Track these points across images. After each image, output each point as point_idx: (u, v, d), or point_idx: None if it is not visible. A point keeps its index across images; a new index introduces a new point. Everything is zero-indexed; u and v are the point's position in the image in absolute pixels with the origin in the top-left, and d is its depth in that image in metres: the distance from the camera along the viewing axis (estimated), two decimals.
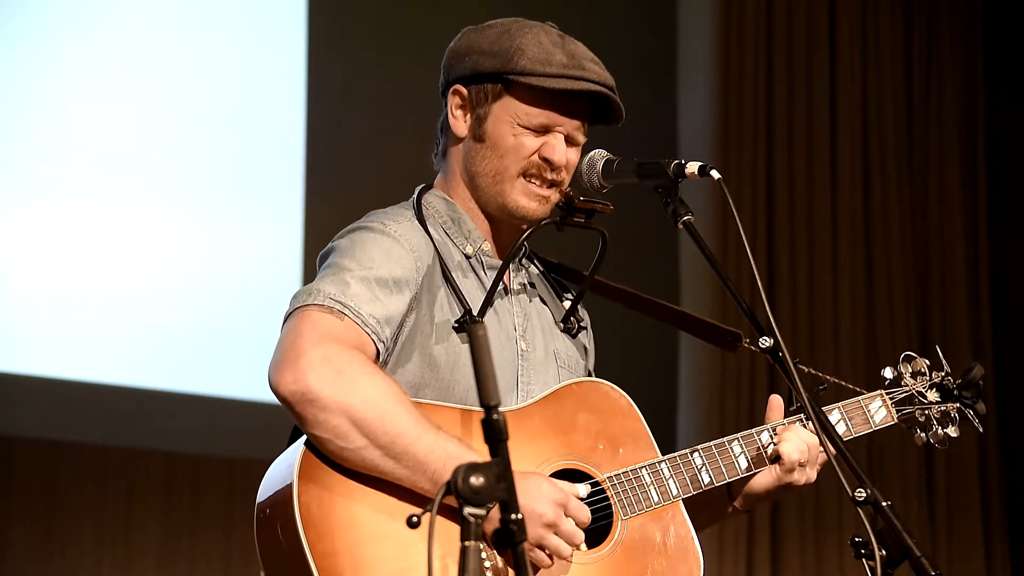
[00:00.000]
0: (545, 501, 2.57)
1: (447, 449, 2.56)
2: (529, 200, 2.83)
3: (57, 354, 5.56)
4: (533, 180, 2.83)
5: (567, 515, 2.61)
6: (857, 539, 2.52)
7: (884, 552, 2.48)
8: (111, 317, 5.61)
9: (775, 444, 2.88)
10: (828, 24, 7.10)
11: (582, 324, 3.02)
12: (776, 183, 6.90)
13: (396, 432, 2.54)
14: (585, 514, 2.64)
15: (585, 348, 3.03)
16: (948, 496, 6.98)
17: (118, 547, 5.70)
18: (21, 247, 5.57)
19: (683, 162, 2.74)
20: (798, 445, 2.86)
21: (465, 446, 2.58)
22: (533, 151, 2.82)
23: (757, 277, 2.75)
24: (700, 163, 2.73)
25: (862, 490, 2.52)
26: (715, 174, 2.69)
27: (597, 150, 2.87)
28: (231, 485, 5.75)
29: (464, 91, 2.85)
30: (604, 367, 3.08)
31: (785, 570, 6.64)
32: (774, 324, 2.66)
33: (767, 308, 2.68)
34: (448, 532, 2.42)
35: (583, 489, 2.68)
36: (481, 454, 2.55)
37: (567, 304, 3.00)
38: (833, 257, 6.96)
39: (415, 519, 2.10)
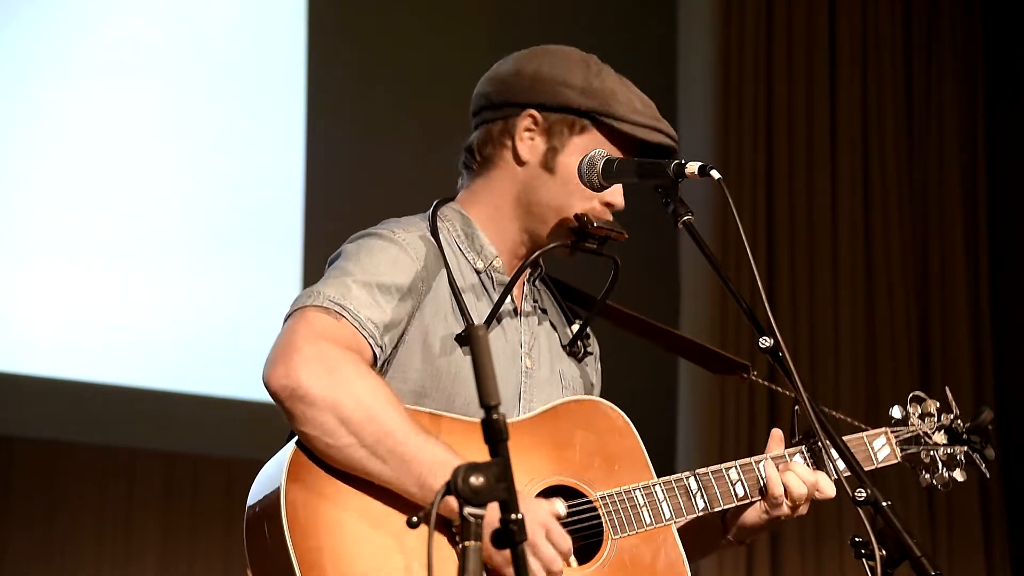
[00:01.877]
0: (527, 521, 2.56)
1: (435, 454, 2.56)
2: (560, 250, 2.85)
3: (57, 354, 5.56)
4: (586, 226, 2.82)
5: (548, 539, 2.60)
6: (857, 539, 2.51)
7: (884, 552, 2.48)
8: (111, 317, 5.62)
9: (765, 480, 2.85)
10: (828, 24, 7.10)
11: (589, 350, 3.01)
12: (776, 183, 6.90)
13: (383, 432, 2.55)
14: (567, 544, 2.62)
15: (592, 375, 3.02)
16: (948, 496, 6.98)
17: (118, 547, 5.70)
18: (22, 247, 5.57)
19: (683, 162, 2.73)
20: (789, 485, 2.83)
21: (453, 453, 2.58)
22: (596, 196, 2.83)
23: (757, 277, 2.75)
24: (700, 163, 2.72)
25: (862, 490, 2.51)
26: (715, 174, 2.68)
27: (597, 150, 2.87)
28: (231, 485, 5.75)
29: (540, 117, 2.85)
30: (605, 380, 3.07)
31: (785, 570, 6.64)
32: (774, 324, 2.65)
33: (767, 308, 2.68)
34: (436, 539, 2.48)
35: (561, 506, 2.65)
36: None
37: (575, 329, 2.99)
38: (833, 257, 6.96)
39: (415, 519, 2.11)
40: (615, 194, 2.84)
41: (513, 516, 2.07)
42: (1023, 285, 7.18)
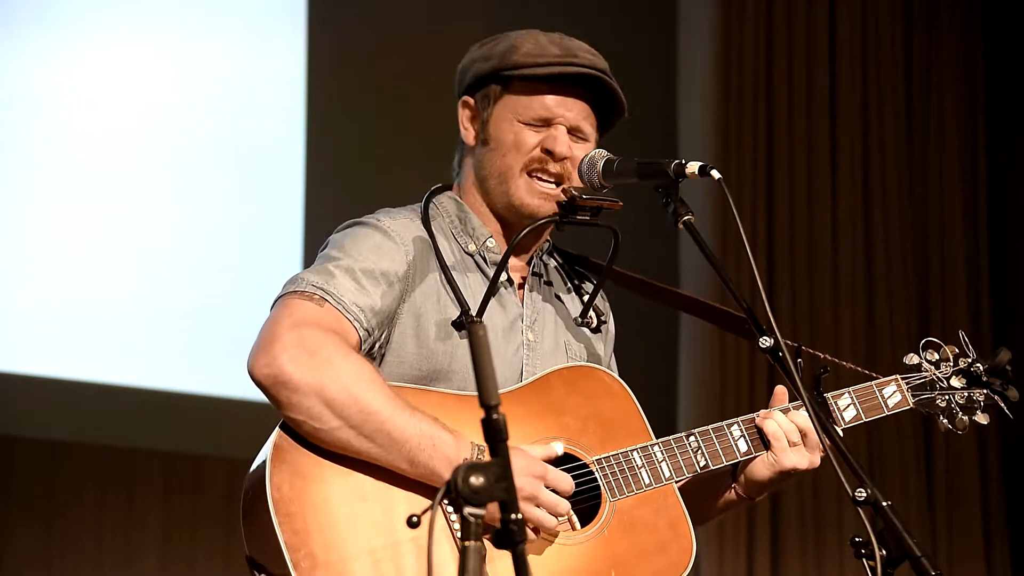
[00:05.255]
0: (522, 475, 2.57)
1: (421, 428, 2.59)
2: (533, 197, 2.87)
3: (57, 354, 5.56)
4: (537, 175, 2.87)
5: (547, 485, 2.62)
6: (857, 539, 2.51)
7: (884, 552, 2.47)
8: (111, 317, 5.62)
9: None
10: (828, 25, 7.09)
11: (603, 319, 3.04)
12: (776, 183, 6.90)
13: (368, 411, 2.58)
14: (567, 483, 2.65)
15: (600, 345, 3.03)
16: (948, 496, 6.98)
17: (118, 547, 5.70)
18: (21, 247, 5.57)
19: (683, 162, 2.74)
20: (780, 421, 2.86)
21: (440, 425, 2.61)
22: (534, 145, 2.87)
23: (757, 277, 2.75)
24: (700, 163, 2.73)
25: (862, 490, 2.51)
26: (715, 174, 2.69)
27: (597, 150, 2.89)
28: (231, 485, 5.72)
29: (471, 101, 2.94)
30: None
31: (785, 570, 6.64)
32: (774, 324, 2.65)
33: (767, 308, 2.68)
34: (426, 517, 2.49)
35: (559, 447, 2.68)
36: (461, 433, 2.60)
37: (586, 299, 3.02)
38: (833, 257, 6.96)
39: (415, 519, 2.11)
40: (551, 140, 2.86)
41: (513, 516, 2.06)
42: (1023, 285, 7.17)
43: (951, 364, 3.10)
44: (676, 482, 2.80)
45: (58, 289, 5.56)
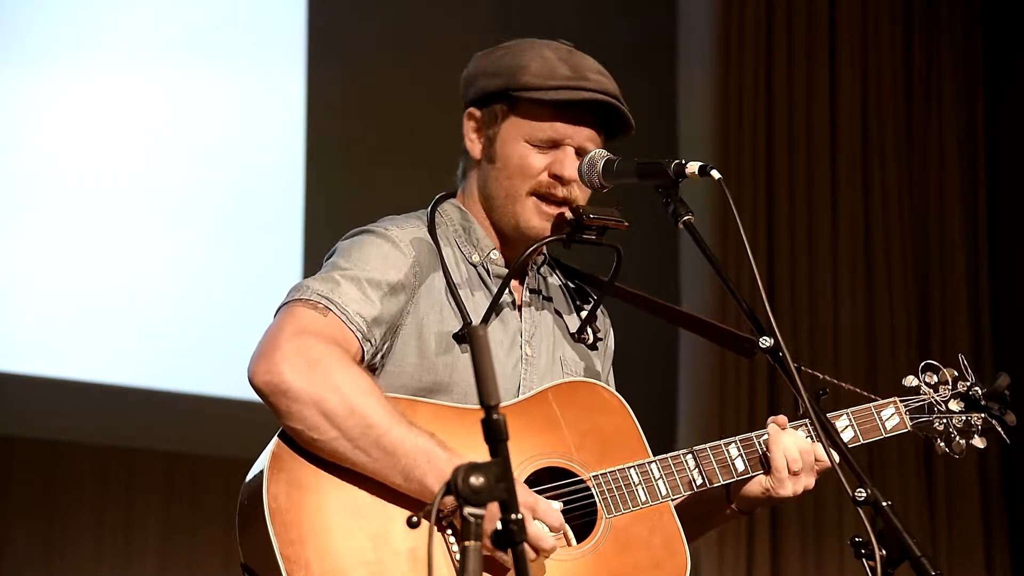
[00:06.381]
0: None
1: (418, 443, 2.58)
2: (540, 219, 2.86)
3: (57, 354, 5.56)
4: (544, 199, 2.85)
5: (535, 518, 2.60)
6: (857, 539, 2.51)
7: (884, 552, 2.47)
8: (111, 317, 5.62)
9: (766, 450, 2.85)
10: (828, 25, 7.09)
11: (599, 336, 3.02)
12: (776, 183, 6.90)
13: (366, 424, 2.57)
14: (557, 519, 2.63)
15: (597, 362, 3.02)
16: (948, 496, 6.98)
17: (118, 547, 5.69)
18: (21, 248, 5.57)
19: (683, 162, 2.74)
20: (788, 452, 2.83)
21: (436, 441, 2.60)
22: (541, 169, 2.85)
23: (757, 277, 2.74)
24: (700, 163, 2.73)
25: (862, 490, 2.51)
26: (715, 174, 2.69)
27: (597, 150, 2.88)
28: (231, 485, 5.68)
29: (477, 114, 2.90)
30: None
31: (785, 570, 6.64)
32: (774, 324, 2.65)
33: (767, 308, 2.68)
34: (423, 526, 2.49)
35: (557, 505, 2.67)
36: (458, 450, 2.59)
37: (584, 315, 3.01)
38: (833, 257, 6.96)
39: (415, 519, 2.11)
40: (559, 165, 2.84)
41: (513, 516, 2.06)
42: (1023, 285, 7.17)
43: (950, 387, 3.08)
44: (672, 500, 2.79)
45: (58, 289, 5.56)
